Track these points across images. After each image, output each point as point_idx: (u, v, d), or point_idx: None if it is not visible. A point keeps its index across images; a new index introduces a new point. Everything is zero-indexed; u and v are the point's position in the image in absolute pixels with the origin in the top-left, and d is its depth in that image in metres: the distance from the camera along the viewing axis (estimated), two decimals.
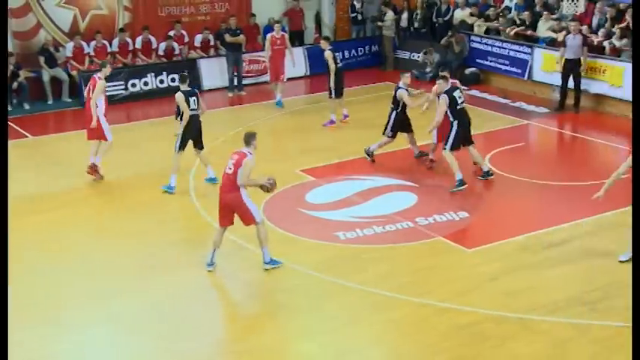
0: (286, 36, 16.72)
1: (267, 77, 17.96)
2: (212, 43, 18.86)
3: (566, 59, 15.47)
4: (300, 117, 15.99)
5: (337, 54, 19.81)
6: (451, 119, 11.33)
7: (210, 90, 18.18)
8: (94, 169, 12.07)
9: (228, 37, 17.91)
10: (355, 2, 20.49)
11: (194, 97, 11.36)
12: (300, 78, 19.27)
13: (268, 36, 16.59)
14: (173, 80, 18.01)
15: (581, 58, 15.31)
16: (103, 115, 12.01)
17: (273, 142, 14.05)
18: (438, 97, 11.69)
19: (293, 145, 13.94)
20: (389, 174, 12.08)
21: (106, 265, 9.37)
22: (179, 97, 11.27)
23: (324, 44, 14.74)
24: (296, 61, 19.05)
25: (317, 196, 11.34)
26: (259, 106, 16.54)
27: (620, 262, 8.85)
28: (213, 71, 18.22)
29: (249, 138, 8.92)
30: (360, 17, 20.60)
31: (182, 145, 11.44)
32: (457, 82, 12.09)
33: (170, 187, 11.48)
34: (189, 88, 11.47)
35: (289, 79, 17.56)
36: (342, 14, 20.95)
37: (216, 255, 9.09)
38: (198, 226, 10.46)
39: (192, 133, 11.44)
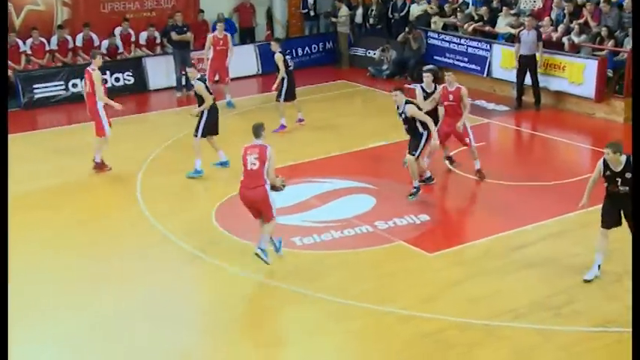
0: (229, 37, 16.49)
1: (216, 76, 17.86)
2: (158, 40, 18.63)
3: (521, 55, 15.70)
4: (252, 117, 15.72)
5: (289, 52, 20.07)
6: (420, 130, 11.05)
7: (157, 90, 17.96)
8: (99, 167, 12.42)
9: (174, 35, 17.70)
10: None
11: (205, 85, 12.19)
12: (252, 77, 19.19)
13: (209, 36, 16.29)
14: (117, 80, 17.73)
15: (537, 54, 15.58)
16: (102, 107, 12.22)
17: (225, 145, 13.90)
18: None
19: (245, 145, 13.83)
20: (347, 176, 12.07)
21: (52, 279, 9.11)
22: (200, 85, 12.11)
23: (274, 46, 14.50)
24: (247, 60, 19.02)
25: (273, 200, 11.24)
26: None
27: (585, 281, 8.60)
28: (160, 70, 18.01)
29: (258, 130, 9.06)
30: (312, 13, 20.59)
31: (205, 132, 12.21)
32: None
33: (197, 171, 12.11)
34: (199, 75, 12.39)
35: (240, 78, 17.45)
36: (294, 10, 20.92)
37: (275, 241, 9.29)
38: (148, 234, 10.27)
39: (214, 119, 12.33)
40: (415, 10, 19.15)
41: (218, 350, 7.69)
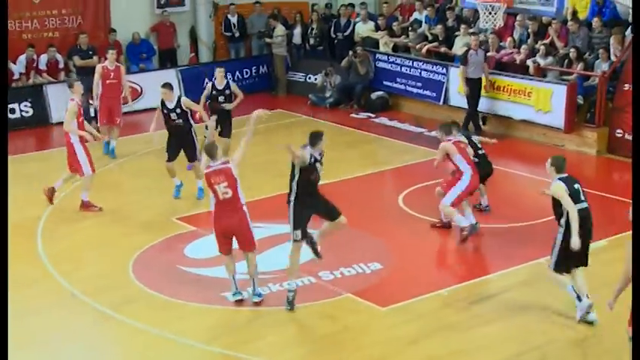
0: (122, 68, 15.85)
1: (136, 104, 17.82)
2: (62, 65, 18.45)
3: (468, 79, 16.19)
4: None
5: (215, 78, 20.21)
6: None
7: (60, 123, 17.67)
8: (85, 206, 12.68)
9: (77, 60, 17.54)
10: (229, 16, 20.67)
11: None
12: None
13: (98, 67, 15.59)
14: (12, 112, 17.50)
15: (483, 76, 16.06)
16: (79, 142, 12.33)
17: (144, 184, 13.84)
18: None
19: (169, 188, 13.78)
20: (286, 220, 12.08)
21: None
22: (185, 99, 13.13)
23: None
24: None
25: (199, 250, 11.23)
26: (126, 141, 16.25)
27: (579, 321, 8.94)
28: (65, 100, 17.69)
29: (212, 150, 9.47)
30: (237, 34, 20.75)
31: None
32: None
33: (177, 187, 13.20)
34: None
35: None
36: (222, 30, 21.08)
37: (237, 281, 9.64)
38: (52, 292, 10.09)
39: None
40: (361, 29, 19.52)
41: None
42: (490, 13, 13.88)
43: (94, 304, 9.66)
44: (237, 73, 20.26)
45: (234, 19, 20.68)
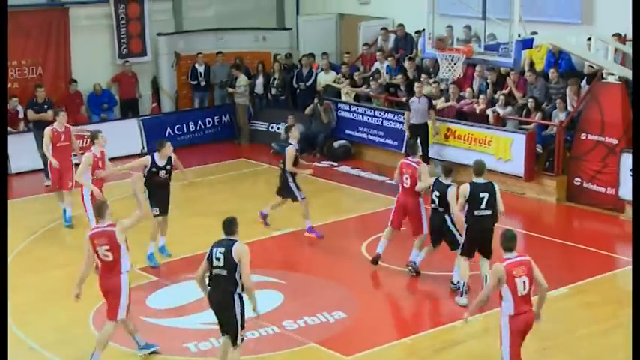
0: (72, 130, 14.82)
1: None
2: (21, 115, 18.25)
3: (411, 125, 16.47)
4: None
5: (180, 127, 20.21)
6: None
7: (20, 173, 17.57)
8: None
9: (30, 114, 17.29)
10: (197, 65, 20.82)
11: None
12: (136, 156, 19.09)
13: (47, 130, 14.47)
14: None
15: (429, 122, 16.32)
16: (88, 195, 12.24)
17: None
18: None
19: (130, 237, 13.65)
20: (250, 269, 12.04)
21: None
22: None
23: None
24: (129, 136, 18.98)
25: (161, 300, 11.20)
26: None
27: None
28: (24, 150, 17.57)
29: (102, 209, 9.24)
30: (203, 83, 20.89)
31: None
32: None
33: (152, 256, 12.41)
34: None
35: (122, 158, 17.35)
36: (184, 79, 21.20)
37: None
38: (10, 347, 9.90)
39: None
40: (323, 78, 19.73)
41: None
42: (450, 64, 14.14)
43: (53, 358, 9.51)
44: (200, 122, 20.31)
45: (201, 68, 20.79)
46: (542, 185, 15.65)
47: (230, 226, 8.84)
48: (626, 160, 14.15)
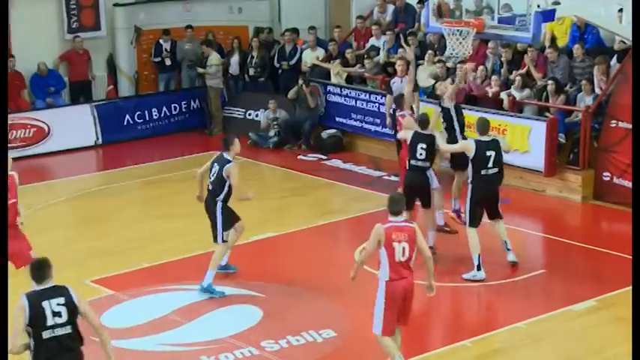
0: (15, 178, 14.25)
1: (42, 146, 17.65)
2: None
3: (394, 110, 16.45)
4: (90, 203, 15.79)
5: (141, 114, 20.18)
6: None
7: None
8: None
9: None
10: (162, 41, 20.82)
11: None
12: (89, 148, 19.12)
13: None
14: None
15: (413, 106, 16.40)
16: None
17: (53, 240, 13.71)
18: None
19: (81, 244, 13.72)
20: (223, 281, 12.11)
21: None
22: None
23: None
24: (81, 125, 18.95)
25: (118, 318, 11.18)
26: (33, 189, 16.14)
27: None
28: None
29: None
30: (169, 62, 20.87)
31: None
32: None
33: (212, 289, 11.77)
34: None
35: (72, 151, 17.37)
36: (146, 58, 21.15)
37: None
38: None
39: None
40: (309, 57, 19.75)
41: None
42: (458, 40, 14.18)
43: None
44: (165, 108, 20.32)
45: (166, 44, 20.76)
46: (565, 181, 15.72)
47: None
48: None
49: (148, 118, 20.10)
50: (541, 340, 10.39)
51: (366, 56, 18.96)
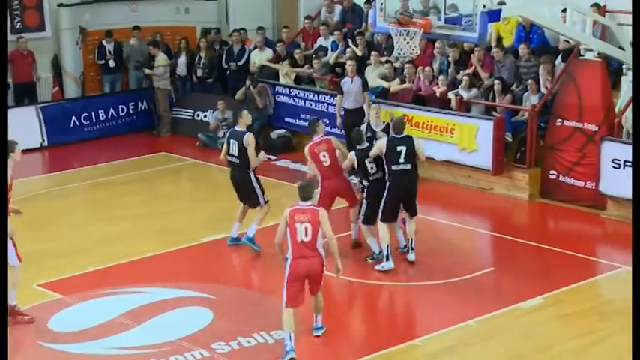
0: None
1: None
2: None
3: (345, 110, 16.70)
4: (36, 206, 15.58)
5: (87, 116, 19.99)
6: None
7: None
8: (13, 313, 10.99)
9: None
10: (105, 43, 20.66)
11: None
12: (34, 151, 18.90)
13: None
14: None
15: (364, 107, 16.51)
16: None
17: None
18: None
19: (28, 248, 13.46)
20: (172, 283, 12.05)
21: None
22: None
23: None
24: (26, 127, 18.71)
25: (65, 322, 11.08)
26: None
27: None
28: None
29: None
30: (113, 64, 20.72)
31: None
32: None
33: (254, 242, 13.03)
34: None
35: (25, 151, 17.09)
36: (92, 59, 21.00)
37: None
38: None
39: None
40: (257, 57, 19.72)
41: None
42: (405, 40, 14.23)
43: None
44: (112, 110, 20.19)
45: (109, 46, 20.63)
46: (512, 179, 15.87)
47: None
48: (608, 150, 14.43)
49: (94, 120, 19.95)
50: (491, 338, 10.47)
51: (314, 56, 18.98)
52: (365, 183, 12.72)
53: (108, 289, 11.91)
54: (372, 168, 12.55)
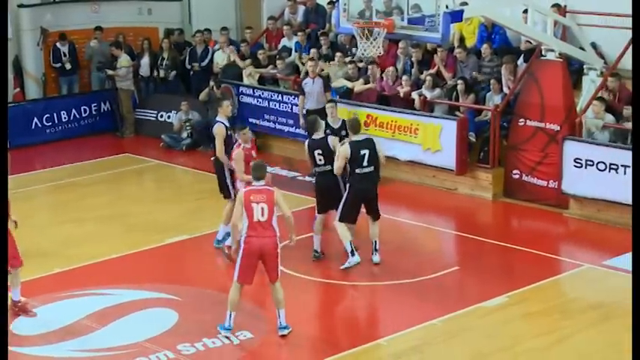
0: None
1: None
2: None
3: (308, 110, 16.77)
4: None
5: (49, 117, 19.82)
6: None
7: None
8: (22, 309, 11.20)
9: None
10: (58, 45, 20.53)
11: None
12: None
13: None
14: None
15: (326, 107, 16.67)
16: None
17: None
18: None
19: None
20: (136, 284, 12.02)
21: None
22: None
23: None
24: None
25: (28, 325, 11.03)
26: None
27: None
28: None
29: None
30: (68, 66, 20.57)
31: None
32: None
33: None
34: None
35: None
36: (51, 61, 20.84)
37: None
38: None
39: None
40: (220, 58, 19.70)
41: None
42: (369, 40, 14.28)
43: None
44: (74, 111, 20.11)
45: (64, 48, 20.48)
46: (476, 179, 15.98)
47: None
48: (570, 149, 14.56)
49: (57, 121, 19.86)
50: (455, 337, 10.55)
51: (278, 57, 18.99)
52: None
53: (72, 291, 11.86)
54: (320, 160, 12.61)
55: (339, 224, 12.50)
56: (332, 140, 12.79)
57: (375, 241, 12.67)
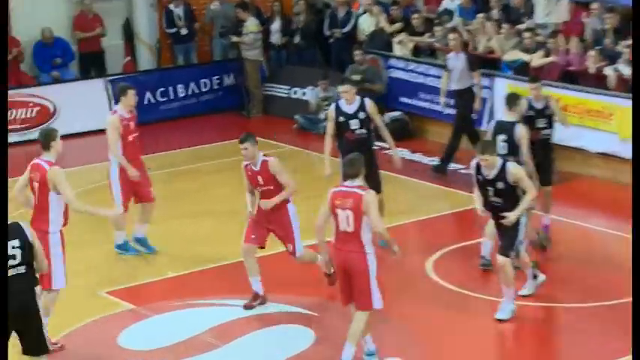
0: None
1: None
2: None
3: (451, 91, 16.58)
4: (102, 197, 15.64)
5: (165, 91, 20.10)
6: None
7: None
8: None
9: None
10: (172, 7, 20.68)
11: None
12: (102, 132, 18.95)
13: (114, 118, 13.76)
14: None
15: (474, 88, 16.27)
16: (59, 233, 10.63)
17: None
18: None
19: (93, 249, 13.66)
20: (269, 294, 11.88)
21: None
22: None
23: None
24: (93, 103, 18.87)
25: (138, 338, 11.18)
26: None
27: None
28: None
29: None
30: (185, 31, 20.69)
31: None
32: None
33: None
34: None
35: (83, 135, 17.35)
36: (164, 25, 21.10)
37: None
38: None
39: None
40: (366, 23, 19.56)
41: None
42: (550, 3, 14.00)
43: None
44: (193, 85, 20.34)
45: (178, 10, 20.67)
46: None
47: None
48: None
49: (173, 97, 20.13)
50: None
51: (436, 22, 18.80)
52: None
53: (189, 300, 11.96)
54: (502, 148, 12.08)
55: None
56: (521, 130, 12.15)
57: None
